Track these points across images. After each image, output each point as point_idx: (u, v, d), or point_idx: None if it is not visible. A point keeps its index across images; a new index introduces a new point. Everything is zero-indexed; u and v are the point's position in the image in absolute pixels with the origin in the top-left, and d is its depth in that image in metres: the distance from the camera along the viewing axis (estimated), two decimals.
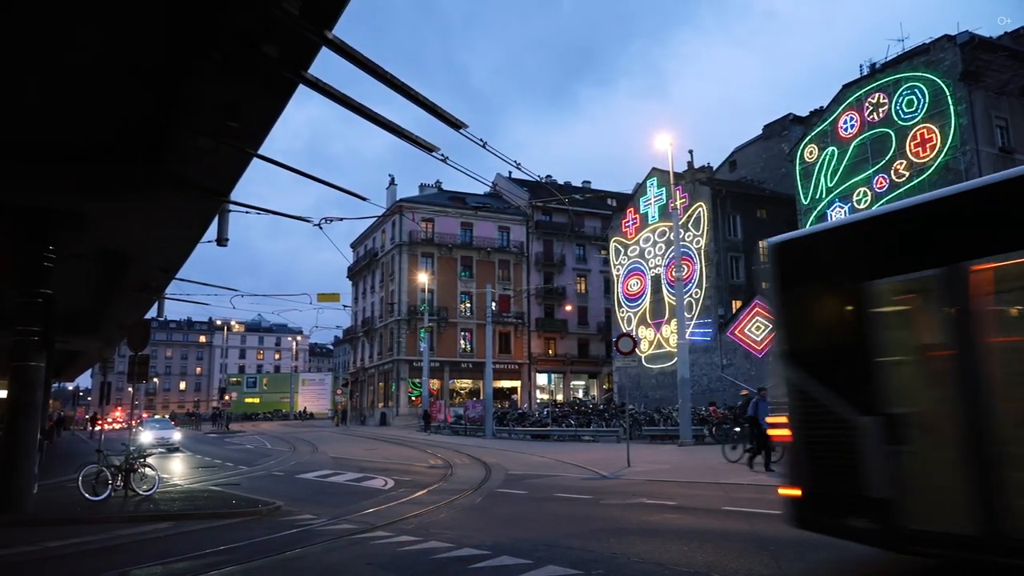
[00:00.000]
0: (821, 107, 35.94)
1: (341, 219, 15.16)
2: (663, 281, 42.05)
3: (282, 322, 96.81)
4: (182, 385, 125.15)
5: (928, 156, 29.38)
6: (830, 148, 33.88)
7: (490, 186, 58.84)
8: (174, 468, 21.45)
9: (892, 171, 30.73)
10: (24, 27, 7.12)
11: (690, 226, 40.72)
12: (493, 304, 42.04)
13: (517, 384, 58.71)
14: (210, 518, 10.85)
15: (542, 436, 31.59)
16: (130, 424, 25.05)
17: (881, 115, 31.51)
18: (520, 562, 7.05)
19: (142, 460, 13.50)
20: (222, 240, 13.61)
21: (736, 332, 38.82)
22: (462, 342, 57.44)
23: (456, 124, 8.06)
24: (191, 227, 13.61)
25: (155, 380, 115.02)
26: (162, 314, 23.74)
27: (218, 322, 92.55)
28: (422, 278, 52.55)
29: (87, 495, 12.11)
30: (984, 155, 28.27)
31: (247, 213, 13.02)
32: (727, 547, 7.47)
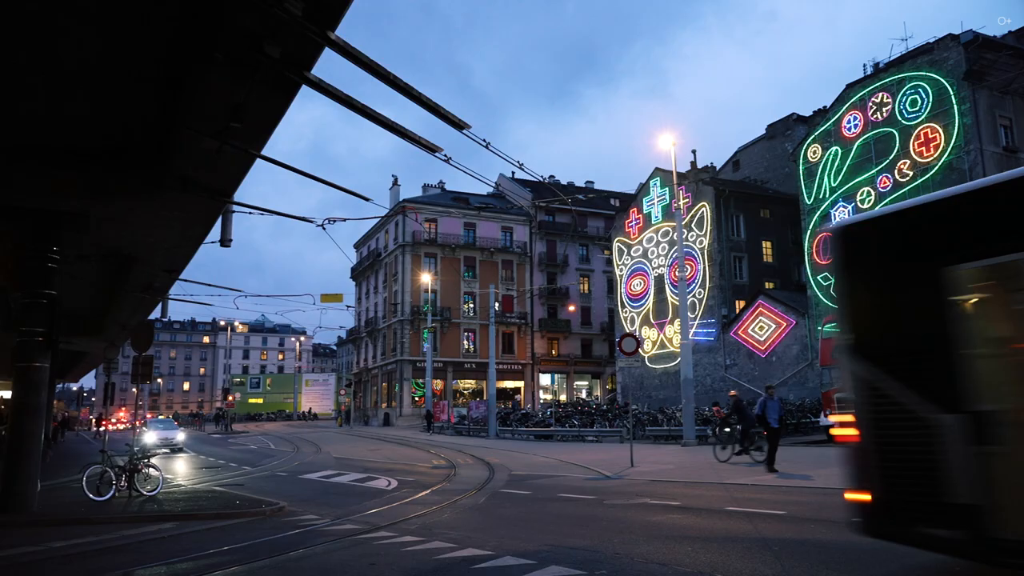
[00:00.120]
0: (824, 107, 35.89)
1: (344, 220, 15.20)
2: (666, 281, 42.07)
3: (286, 322, 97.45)
4: (186, 386, 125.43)
5: (932, 156, 29.31)
6: (834, 148, 33.83)
7: (493, 186, 58.68)
8: (178, 468, 21.50)
9: (896, 171, 30.67)
10: (27, 27, 7.15)
11: (693, 226, 40.71)
12: (496, 304, 42.06)
13: (520, 384, 58.73)
14: (214, 518, 10.88)
15: (545, 436, 31.58)
16: (134, 425, 25.11)
17: (885, 115, 31.45)
18: (523, 562, 7.05)
19: (146, 460, 13.57)
20: (226, 241, 13.65)
21: (739, 332, 38.89)
22: (465, 342, 57.47)
23: (459, 124, 8.06)
24: (195, 228, 13.63)
25: (159, 381, 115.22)
26: (166, 315, 23.77)
27: (222, 322, 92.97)
28: (425, 278, 52.60)
29: (91, 495, 12.18)
30: (988, 154, 28.20)
31: (251, 214, 13.04)
32: (731, 547, 7.46)
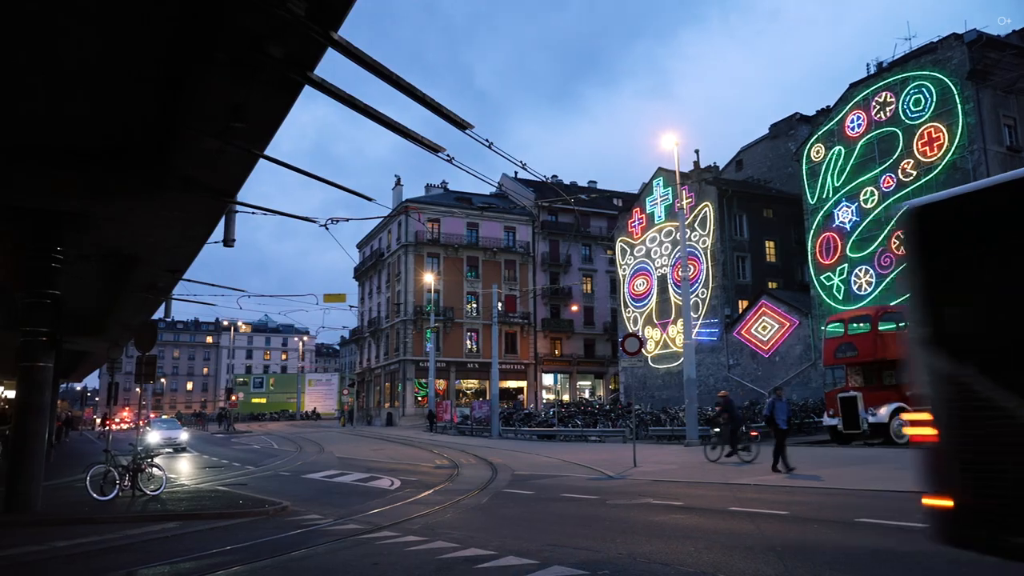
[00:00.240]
0: (828, 106, 35.84)
1: (347, 220, 15.23)
2: (669, 281, 42.05)
3: (289, 322, 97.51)
4: (189, 385, 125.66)
5: (935, 155, 29.25)
6: (837, 147, 33.77)
7: (496, 186, 58.36)
8: (181, 468, 21.54)
9: (899, 170, 30.61)
10: (27, 27, 7.12)
11: (696, 226, 40.67)
12: (499, 304, 42.01)
13: (523, 384, 58.74)
14: (217, 518, 10.90)
15: (548, 436, 31.57)
16: (137, 424, 25.18)
17: (888, 114, 31.39)
18: (526, 562, 7.04)
19: (149, 460, 13.59)
20: (229, 241, 13.68)
21: (742, 332, 38.85)
22: (468, 342, 57.48)
23: (462, 125, 8.06)
24: (198, 228, 13.64)
25: (162, 380, 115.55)
26: (169, 315, 23.78)
27: (225, 322, 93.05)
28: (428, 278, 52.63)
29: (95, 495, 12.21)
30: (992, 154, 28.13)
31: (254, 214, 13.06)
32: (733, 547, 7.45)
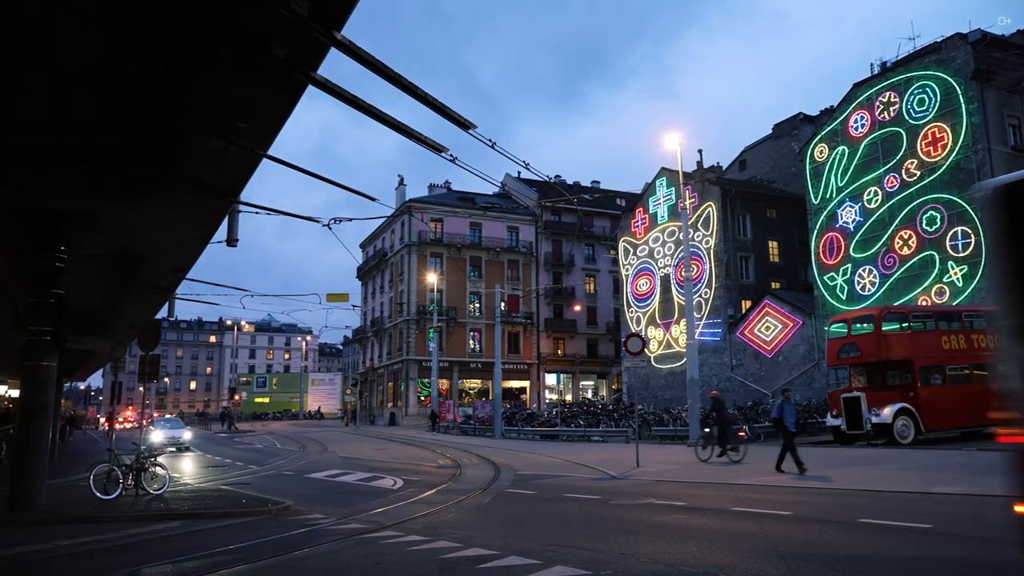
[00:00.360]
0: (831, 106, 35.77)
1: (350, 219, 15.26)
2: (672, 281, 42.00)
3: (292, 322, 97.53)
4: (192, 385, 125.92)
5: (939, 155, 29.17)
6: (840, 147, 33.70)
7: (499, 186, 58.58)
8: (184, 467, 21.59)
9: (903, 170, 30.53)
10: (27, 27, 7.10)
11: (699, 226, 40.62)
12: (502, 304, 42.08)
13: (526, 384, 58.74)
14: (220, 517, 10.91)
15: (551, 436, 31.57)
16: (141, 423, 25.24)
17: (892, 114, 31.31)
18: (529, 562, 7.04)
19: (153, 459, 13.61)
20: (232, 240, 13.71)
21: (746, 332, 38.79)
22: (471, 342, 57.50)
23: (465, 124, 8.06)
24: (202, 227, 13.67)
25: (166, 380, 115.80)
26: (173, 314, 23.87)
27: (228, 322, 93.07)
28: (431, 278, 52.65)
29: (98, 494, 12.24)
30: (996, 154, 28.06)
31: (257, 213, 13.09)
32: (737, 548, 7.44)
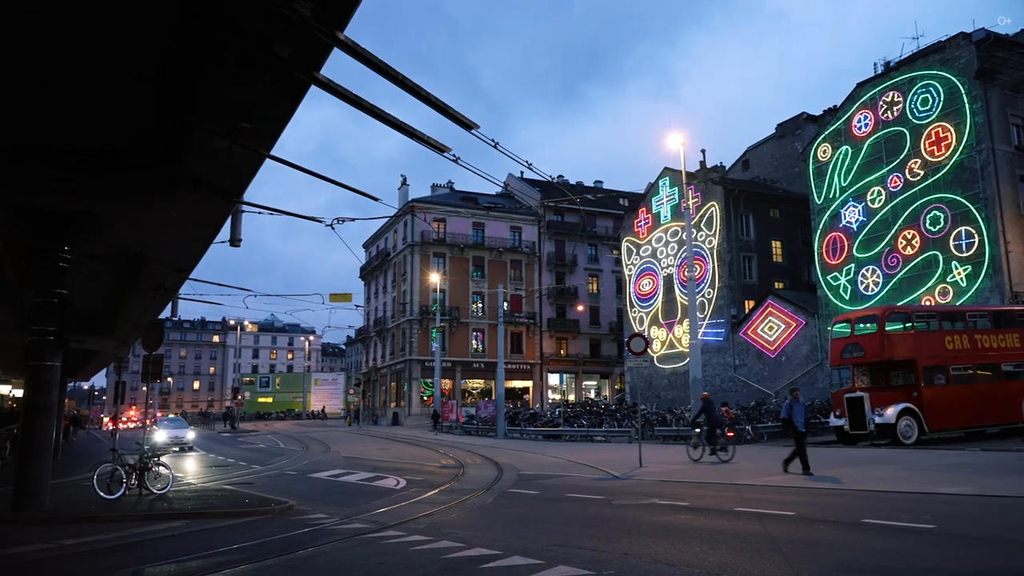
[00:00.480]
0: (835, 106, 35.71)
1: (353, 219, 15.27)
2: (675, 281, 41.95)
3: (295, 322, 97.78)
4: (196, 385, 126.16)
5: (943, 155, 29.11)
6: (844, 147, 33.64)
7: (502, 186, 58.87)
8: (188, 467, 21.62)
9: (907, 170, 30.47)
10: (27, 27, 7.10)
11: (702, 226, 40.58)
12: (505, 304, 42.03)
13: (529, 384, 58.73)
14: (223, 517, 10.92)
15: (554, 436, 31.56)
16: (144, 423, 25.26)
17: (895, 114, 31.25)
18: (531, 562, 7.04)
19: (156, 459, 13.64)
20: (235, 240, 13.70)
21: (749, 332, 38.74)
22: (474, 342, 57.50)
23: (467, 124, 8.06)
24: (205, 227, 13.69)
25: (169, 380, 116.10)
26: (176, 314, 23.89)
27: (231, 322, 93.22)
28: (434, 278, 52.68)
29: (102, 493, 12.27)
30: (1000, 153, 27.99)
31: (260, 213, 13.10)
32: (739, 548, 7.43)
